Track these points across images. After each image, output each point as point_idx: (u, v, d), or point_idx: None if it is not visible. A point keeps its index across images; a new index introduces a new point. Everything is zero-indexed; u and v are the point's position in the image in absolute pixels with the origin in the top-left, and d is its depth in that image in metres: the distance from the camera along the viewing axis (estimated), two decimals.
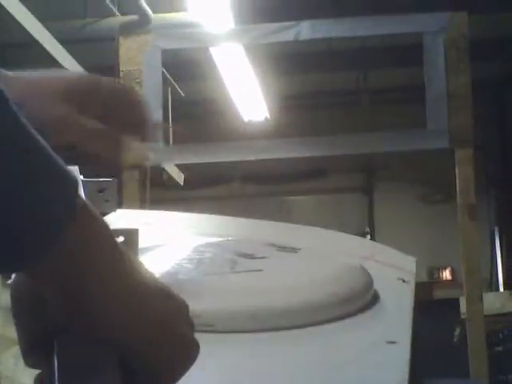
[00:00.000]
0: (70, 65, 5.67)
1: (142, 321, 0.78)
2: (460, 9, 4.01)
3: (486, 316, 3.80)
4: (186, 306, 0.84)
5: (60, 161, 0.72)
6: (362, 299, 1.49)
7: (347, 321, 1.43)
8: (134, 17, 6.23)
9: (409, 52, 5.21)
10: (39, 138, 0.71)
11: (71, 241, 0.72)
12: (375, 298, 1.52)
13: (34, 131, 0.70)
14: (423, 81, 3.88)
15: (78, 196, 0.74)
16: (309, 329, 1.37)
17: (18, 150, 0.69)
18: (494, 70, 10.18)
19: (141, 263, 0.81)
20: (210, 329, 1.27)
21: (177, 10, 6.24)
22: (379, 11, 6.46)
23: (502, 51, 9.60)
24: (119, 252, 0.78)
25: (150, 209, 6.02)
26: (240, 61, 6.97)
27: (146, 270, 0.81)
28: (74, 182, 0.73)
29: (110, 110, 1.17)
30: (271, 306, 1.38)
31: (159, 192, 7.17)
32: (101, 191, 0.96)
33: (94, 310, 0.75)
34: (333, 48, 9.06)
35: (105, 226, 0.78)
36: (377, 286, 1.54)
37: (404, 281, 1.65)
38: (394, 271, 1.70)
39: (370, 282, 1.54)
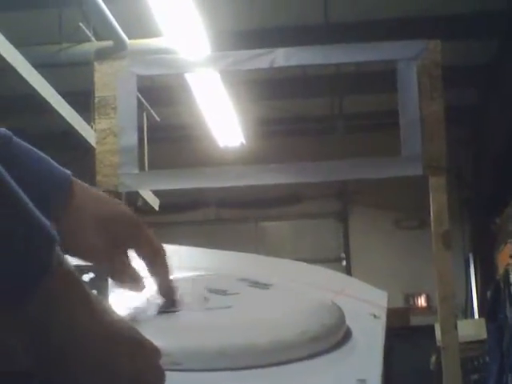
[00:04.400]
0: (45, 90, 5.66)
1: (107, 373, 0.82)
2: (433, 36, 4.05)
3: (461, 343, 3.80)
4: (156, 352, 0.89)
5: (40, 218, 0.74)
6: (334, 336, 1.48)
7: (318, 359, 1.41)
8: (110, 42, 6.24)
9: (383, 78, 5.25)
10: (22, 195, 0.73)
11: (45, 294, 0.75)
12: (347, 335, 1.50)
13: (17, 188, 0.73)
14: (397, 107, 3.91)
15: (55, 252, 0.76)
16: (277, 367, 1.36)
17: None
18: (468, 95, 10.27)
19: (112, 311, 0.84)
20: (178, 367, 1.26)
21: (153, 36, 6.26)
22: (354, 38, 6.51)
23: (476, 77, 9.70)
24: (91, 307, 0.82)
25: None
26: (215, 86, 6.99)
27: (118, 317, 0.84)
28: (52, 238, 0.75)
29: (140, 257, 1.28)
30: (239, 344, 1.36)
31: None
32: None
33: (60, 360, 0.79)
34: (307, 74, 9.11)
35: (79, 281, 0.81)
36: (349, 321, 1.53)
37: (375, 316, 1.64)
38: (365, 306, 1.69)
39: (341, 319, 1.53)
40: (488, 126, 10.61)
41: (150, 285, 1.67)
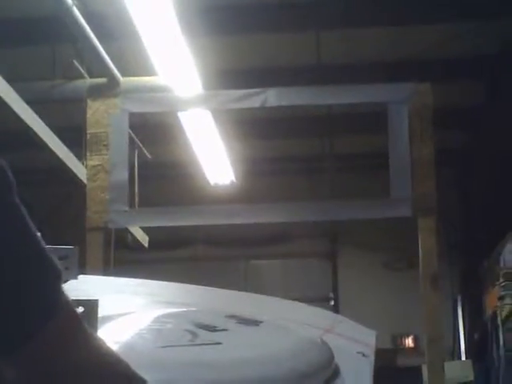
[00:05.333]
0: (37, 125, 5.68)
1: None
2: (422, 78, 4.09)
3: None
4: None
5: (51, 256, 0.77)
6: (322, 374, 1.49)
7: None
8: (103, 79, 6.26)
9: (374, 119, 5.29)
10: (35, 234, 0.76)
11: (52, 331, 0.79)
12: (336, 373, 1.51)
13: (32, 227, 0.75)
14: (387, 149, 3.93)
15: (62, 289, 0.79)
16: None
17: (13, 246, 0.75)
18: (456, 137, 10.33)
19: (106, 345, 0.86)
20: None
21: (145, 74, 6.29)
22: (346, 80, 6.57)
23: (465, 119, 9.76)
24: (90, 342, 0.85)
25: (115, 270, 5.98)
26: (207, 125, 7.02)
27: (111, 351, 0.86)
28: (60, 275, 0.78)
29: None
30: (228, 380, 1.37)
31: (124, 253, 7.14)
32: (62, 258, 0.97)
33: None
34: (298, 114, 9.16)
35: (79, 317, 0.84)
36: (337, 359, 1.54)
37: (364, 355, 1.65)
38: (354, 345, 1.70)
39: (330, 357, 1.54)
40: (476, 167, 10.67)
41: (138, 320, 1.68)
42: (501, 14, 7.18)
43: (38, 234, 0.90)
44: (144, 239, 8.05)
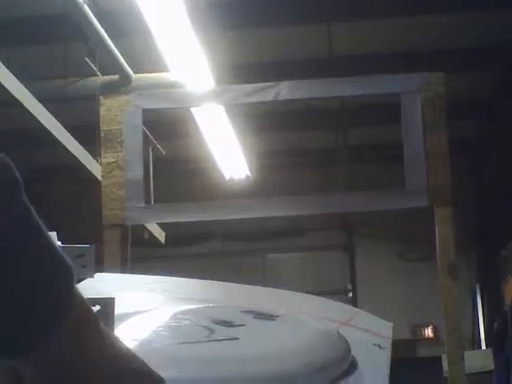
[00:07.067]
0: (51, 124, 5.69)
1: None
2: (435, 69, 4.08)
3: (468, 375, 3.79)
4: (161, 382, 0.92)
5: (63, 254, 0.77)
6: (340, 367, 1.49)
7: None
8: (115, 76, 6.28)
9: (388, 110, 5.27)
10: (46, 233, 0.77)
11: (67, 330, 0.78)
12: (353, 365, 1.52)
13: (42, 226, 0.76)
14: (401, 139, 3.92)
15: (75, 290, 0.80)
16: None
17: (27, 245, 0.75)
18: (471, 127, 10.30)
19: (121, 342, 0.87)
20: None
21: (158, 71, 6.30)
22: (358, 71, 6.55)
23: (479, 109, 9.73)
24: (104, 340, 0.85)
25: (132, 267, 6.00)
26: (220, 120, 7.02)
27: (126, 349, 0.87)
28: (72, 272, 0.78)
29: None
30: (245, 376, 1.37)
31: (141, 250, 7.16)
32: (79, 257, 0.97)
33: None
34: (311, 107, 9.14)
35: (94, 315, 0.85)
36: (354, 352, 1.54)
37: (380, 347, 1.65)
38: (370, 337, 1.70)
39: (347, 350, 1.54)
40: (491, 157, 10.63)
41: (155, 317, 1.68)
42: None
43: (54, 232, 0.90)
44: (161, 235, 8.07)
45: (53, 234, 0.89)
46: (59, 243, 0.96)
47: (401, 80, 4.03)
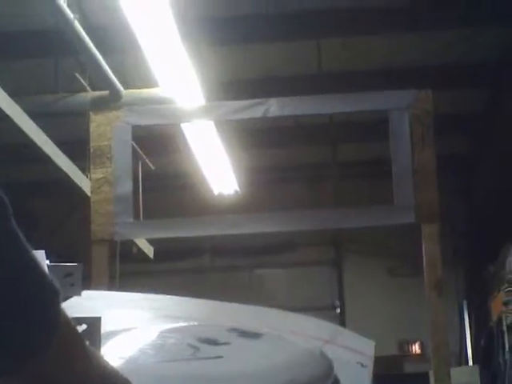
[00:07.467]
0: (40, 139, 5.70)
1: None
2: (425, 86, 4.11)
3: None
4: None
5: (47, 276, 0.79)
6: None
7: None
8: (105, 92, 6.30)
9: (377, 127, 5.30)
10: (34, 257, 0.80)
11: (54, 348, 0.81)
12: (335, 383, 1.53)
13: (30, 250, 0.78)
14: (390, 155, 3.95)
15: (61, 309, 0.83)
16: None
17: (12, 269, 0.78)
18: (460, 144, 10.34)
19: (106, 361, 0.89)
20: None
21: (148, 86, 6.32)
22: (347, 88, 6.58)
23: (468, 126, 9.78)
24: (90, 359, 0.88)
25: (120, 282, 6.00)
26: (210, 135, 7.05)
27: (111, 367, 0.89)
28: (58, 293, 0.80)
29: None
30: None
31: (129, 265, 7.16)
32: (67, 276, 0.99)
33: None
34: (300, 123, 9.18)
35: (79, 334, 0.88)
36: (337, 370, 1.56)
37: (363, 365, 1.67)
38: (353, 355, 1.72)
39: (329, 368, 1.56)
40: (480, 174, 10.67)
41: (141, 335, 1.69)
42: (500, 21, 7.19)
43: (42, 251, 0.92)
44: (149, 250, 8.07)
45: (41, 253, 0.92)
46: (47, 262, 0.98)
47: (389, 97, 4.06)
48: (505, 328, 7.64)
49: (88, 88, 6.27)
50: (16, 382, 0.81)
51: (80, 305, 1.26)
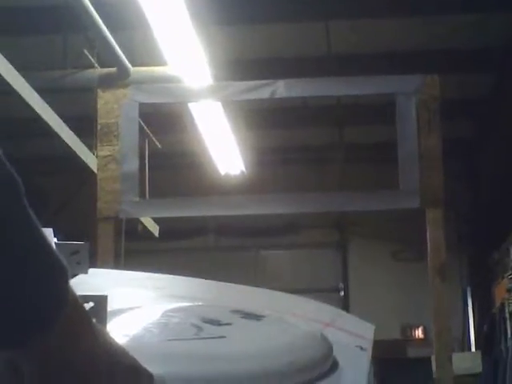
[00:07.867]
0: (47, 114, 5.70)
1: None
2: (432, 70, 4.10)
3: (456, 376, 3.81)
4: (151, 379, 0.96)
5: (55, 253, 0.81)
6: (321, 367, 1.52)
7: None
8: (113, 69, 6.28)
9: (384, 110, 5.28)
10: (44, 235, 0.81)
11: (62, 324, 0.82)
12: (334, 366, 1.55)
13: (40, 228, 0.79)
14: (396, 139, 3.94)
15: (68, 287, 0.84)
16: None
17: (21, 245, 0.80)
18: (466, 129, 10.32)
19: (112, 339, 0.92)
20: None
21: (156, 64, 6.31)
22: (355, 70, 6.57)
23: (475, 110, 9.75)
24: (96, 336, 0.88)
25: (125, 260, 6.01)
26: (217, 115, 7.04)
27: (117, 345, 0.92)
28: (66, 270, 0.82)
29: None
30: (228, 373, 1.40)
31: (134, 243, 7.18)
32: (73, 253, 1.00)
33: None
34: (308, 104, 9.17)
35: (86, 312, 0.90)
36: (336, 353, 1.57)
37: (362, 348, 1.68)
38: (353, 338, 1.73)
39: (329, 350, 1.57)
40: (485, 159, 10.66)
41: (146, 314, 1.71)
42: (506, 6, 7.16)
43: (50, 229, 0.93)
44: (155, 229, 8.09)
45: (49, 231, 0.93)
46: (55, 240, 0.99)
47: (396, 81, 4.05)
48: (507, 315, 7.65)
49: (96, 65, 6.27)
50: (24, 357, 0.83)
51: (85, 282, 1.27)
